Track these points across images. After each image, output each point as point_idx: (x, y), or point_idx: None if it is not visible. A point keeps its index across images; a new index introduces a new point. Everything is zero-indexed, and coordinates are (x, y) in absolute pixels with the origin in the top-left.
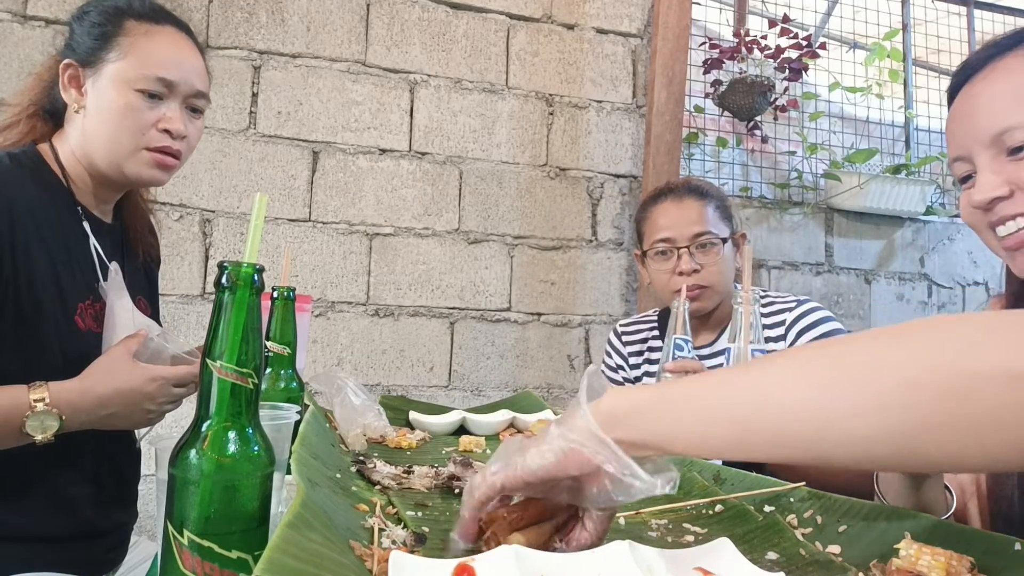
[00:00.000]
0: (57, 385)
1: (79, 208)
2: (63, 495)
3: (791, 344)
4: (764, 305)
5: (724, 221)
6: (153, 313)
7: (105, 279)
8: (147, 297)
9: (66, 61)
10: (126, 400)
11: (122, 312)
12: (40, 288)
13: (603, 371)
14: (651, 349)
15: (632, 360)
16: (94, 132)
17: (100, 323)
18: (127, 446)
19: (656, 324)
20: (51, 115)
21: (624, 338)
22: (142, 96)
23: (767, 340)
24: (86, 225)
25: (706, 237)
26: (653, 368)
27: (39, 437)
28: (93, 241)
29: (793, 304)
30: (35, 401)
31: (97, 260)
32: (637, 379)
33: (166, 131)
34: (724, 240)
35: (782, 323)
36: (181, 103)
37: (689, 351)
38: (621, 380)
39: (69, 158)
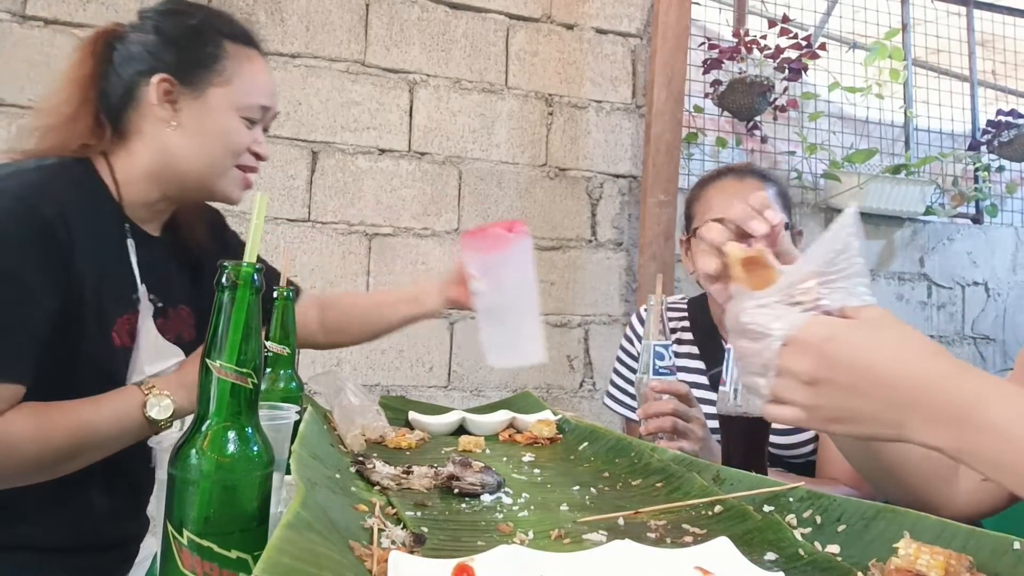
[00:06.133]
0: (157, 378)
1: (127, 225)
2: (77, 507)
3: None
4: None
5: (784, 210)
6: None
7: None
8: (191, 303)
9: (162, 76)
10: None
11: (146, 336)
12: (84, 302)
13: (620, 357)
14: (680, 342)
15: None
16: (189, 150)
17: (134, 338)
18: (142, 460)
19: (687, 314)
20: (114, 127)
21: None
22: (244, 121)
23: None
24: (130, 243)
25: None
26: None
27: (162, 419)
28: (134, 259)
29: None
30: (146, 389)
31: (138, 275)
32: None
33: (256, 154)
34: (787, 227)
35: None
36: (263, 126)
37: (670, 358)
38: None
39: (129, 173)
